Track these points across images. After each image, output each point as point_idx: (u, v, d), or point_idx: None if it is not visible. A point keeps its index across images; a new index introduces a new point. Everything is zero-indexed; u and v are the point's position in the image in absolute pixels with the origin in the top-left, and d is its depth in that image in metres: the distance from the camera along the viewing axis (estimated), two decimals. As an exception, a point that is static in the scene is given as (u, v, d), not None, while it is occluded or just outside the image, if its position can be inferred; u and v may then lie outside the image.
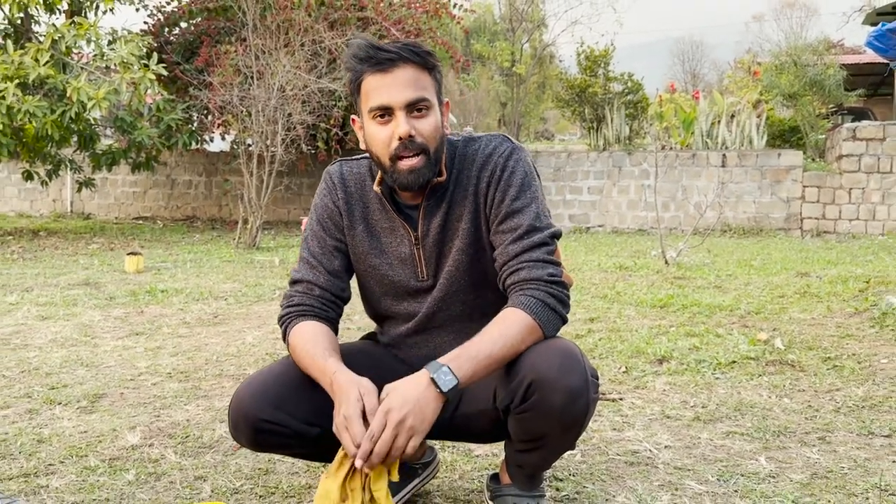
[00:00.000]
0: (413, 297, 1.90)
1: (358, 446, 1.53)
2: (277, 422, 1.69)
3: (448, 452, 2.43)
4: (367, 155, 1.89)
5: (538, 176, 1.86)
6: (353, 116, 1.86)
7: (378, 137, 1.74)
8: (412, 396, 1.56)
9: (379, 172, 1.84)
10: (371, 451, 1.53)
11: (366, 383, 1.62)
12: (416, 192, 1.83)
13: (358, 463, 1.53)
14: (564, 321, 1.76)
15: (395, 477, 1.61)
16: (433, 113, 1.74)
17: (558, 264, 1.77)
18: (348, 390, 1.60)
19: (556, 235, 1.80)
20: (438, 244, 1.86)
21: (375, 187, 1.86)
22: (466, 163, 1.85)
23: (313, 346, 1.74)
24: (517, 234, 1.76)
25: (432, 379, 1.57)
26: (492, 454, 2.42)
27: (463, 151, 1.86)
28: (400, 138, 1.70)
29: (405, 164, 1.73)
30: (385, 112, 1.71)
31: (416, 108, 1.71)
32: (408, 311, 1.92)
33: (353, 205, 1.90)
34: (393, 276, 1.89)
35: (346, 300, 1.93)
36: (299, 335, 1.79)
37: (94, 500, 2.08)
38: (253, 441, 1.73)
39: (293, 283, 1.90)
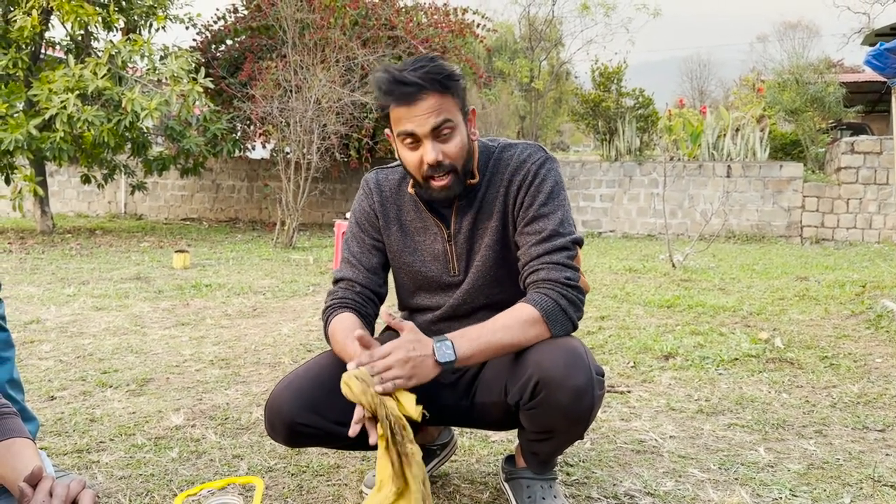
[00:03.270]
0: (444, 291, 1.90)
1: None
2: (311, 424, 1.69)
3: (466, 438, 2.43)
4: (400, 162, 1.91)
5: (565, 187, 1.84)
6: (387, 130, 1.84)
7: (408, 160, 1.74)
8: (420, 351, 1.59)
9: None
10: (369, 366, 1.56)
11: None
12: None
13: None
14: (574, 326, 1.72)
15: (415, 415, 1.56)
16: (458, 132, 1.72)
17: (576, 269, 1.73)
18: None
19: (578, 242, 1.77)
20: (469, 241, 1.85)
21: (410, 189, 1.86)
22: (501, 167, 1.83)
23: (346, 333, 1.74)
24: (541, 237, 1.75)
25: (434, 348, 1.60)
26: (507, 440, 2.41)
27: (499, 156, 1.85)
28: (429, 164, 1.70)
29: (436, 184, 1.74)
30: (412, 138, 1.70)
31: (441, 132, 1.69)
32: (437, 304, 1.91)
33: (388, 207, 1.91)
34: (426, 272, 1.89)
35: (384, 297, 1.93)
36: (337, 323, 1.79)
37: (141, 475, 2.10)
38: (288, 440, 1.73)
39: (336, 281, 1.90)
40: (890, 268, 6.97)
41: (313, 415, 1.69)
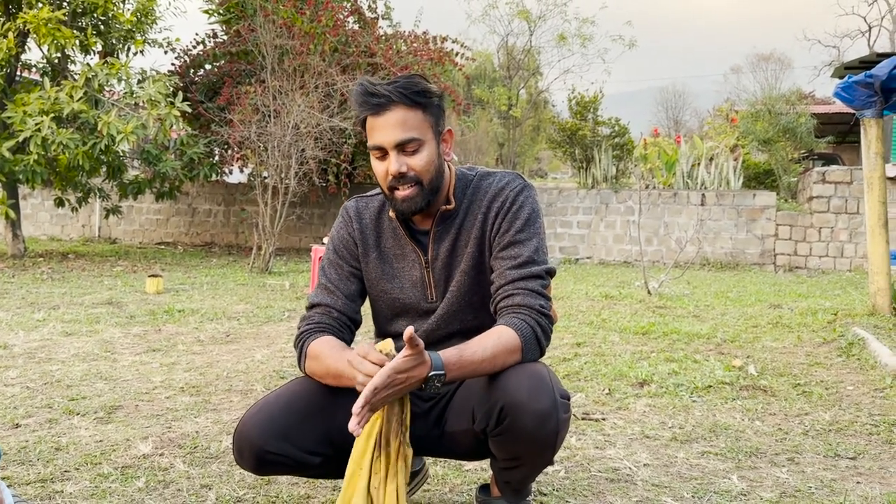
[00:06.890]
0: (422, 318, 1.89)
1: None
2: (281, 452, 1.67)
3: (439, 467, 2.40)
4: (379, 190, 1.92)
5: (542, 216, 1.86)
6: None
7: (378, 171, 1.77)
8: (414, 380, 1.56)
9: None
10: (370, 402, 1.53)
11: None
12: (426, 218, 1.84)
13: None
14: (542, 354, 1.74)
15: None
16: (425, 148, 1.74)
17: (549, 298, 1.76)
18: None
19: (551, 273, 1.79)
20: (447, 268, 1.86)
21: (391, 214, 1.87)
22: (479, 194, 1.85)
23: (335, 352, 1.71)
24: (517, 262, 1.76)
25: (427, 378, 1.56)
26: (481, 469, 2.38)
27: (477, 184, 1.87)
28: (392, 175, 1.73)
29: (399, 194, 1.76)
30: (380, 151, 1.74)
31: (405, 148, 1.72)
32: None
33: (368, 234, 1.91)
34: (404, 300, 1.89)
35: (359, 325, 1.92)
36: (323, 344, 1.76)
37: (105, 505, 2.05)
38: (256, 468, 1.71)
39: (311, 307, 1.88)
40: (861, 296, 7.07)
41: (283, 443, 1.67)
